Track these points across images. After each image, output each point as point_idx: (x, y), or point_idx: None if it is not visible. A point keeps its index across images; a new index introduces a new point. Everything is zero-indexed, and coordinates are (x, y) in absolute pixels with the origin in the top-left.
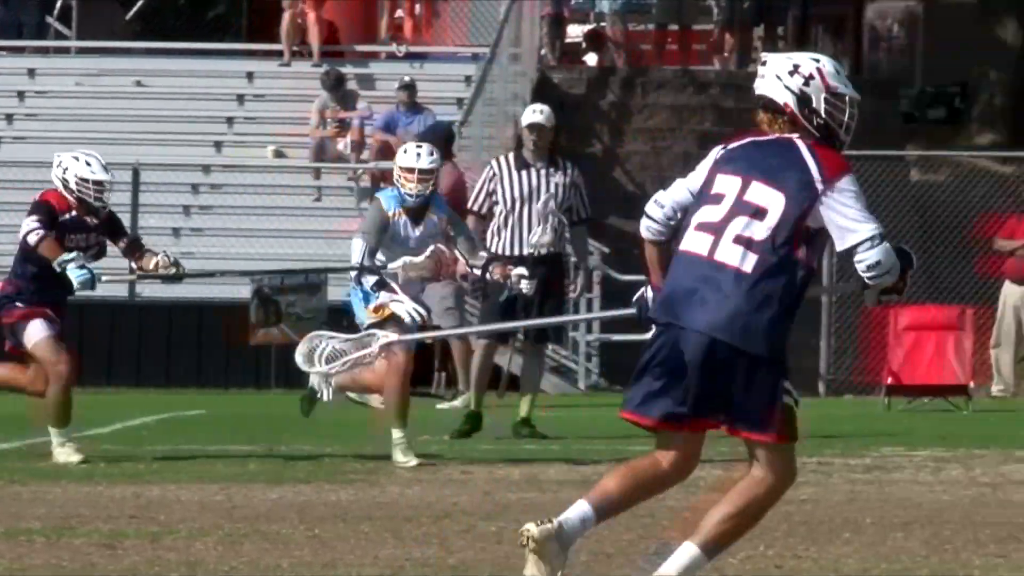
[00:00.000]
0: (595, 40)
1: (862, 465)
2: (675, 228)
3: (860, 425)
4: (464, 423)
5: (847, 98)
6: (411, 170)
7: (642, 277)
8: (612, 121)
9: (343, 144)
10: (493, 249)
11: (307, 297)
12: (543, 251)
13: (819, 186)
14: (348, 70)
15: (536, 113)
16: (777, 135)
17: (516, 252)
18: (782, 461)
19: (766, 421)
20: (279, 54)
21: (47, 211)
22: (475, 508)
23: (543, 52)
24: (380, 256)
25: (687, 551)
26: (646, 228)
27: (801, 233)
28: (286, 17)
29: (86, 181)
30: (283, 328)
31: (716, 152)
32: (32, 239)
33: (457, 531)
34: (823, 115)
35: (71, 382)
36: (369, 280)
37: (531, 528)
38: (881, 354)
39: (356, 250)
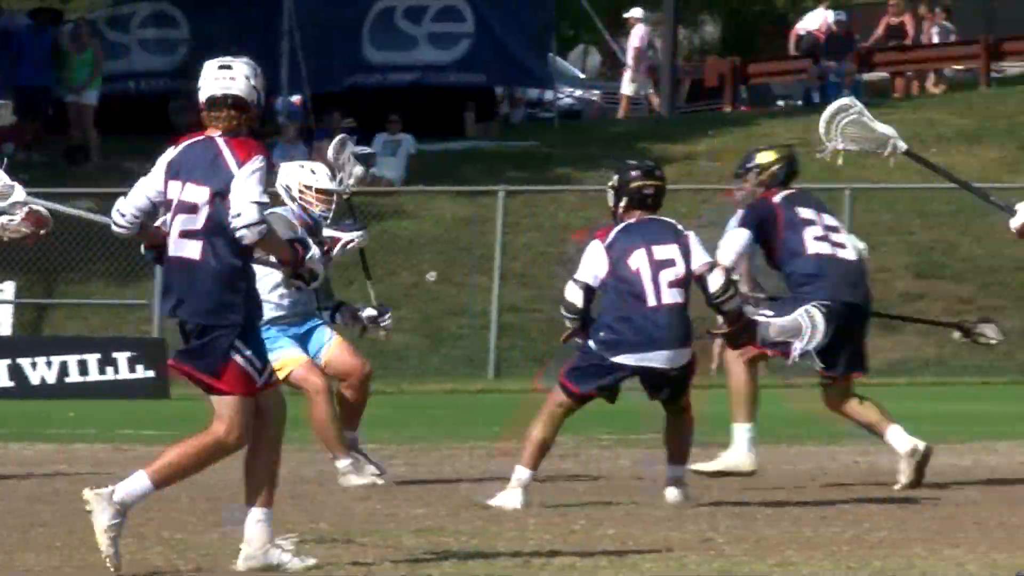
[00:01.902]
0: None
1: None
2: (141, 225)
3: None
4: None
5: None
6: (329, 192)
7: None
8: None
9: None
10: None
11: None
12: None
13: (233, 171)
14: None
15: None
16: (202, 135)
17: None
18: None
19: (219, 372)
20: None
21: None
22: None
23: None
24: None
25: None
26: (116, 228)
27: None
28: None
29: None
30: None
31: (163, 160)
32: None
33: None
34: (260, 106)
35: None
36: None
37: (87, 493)
38: None
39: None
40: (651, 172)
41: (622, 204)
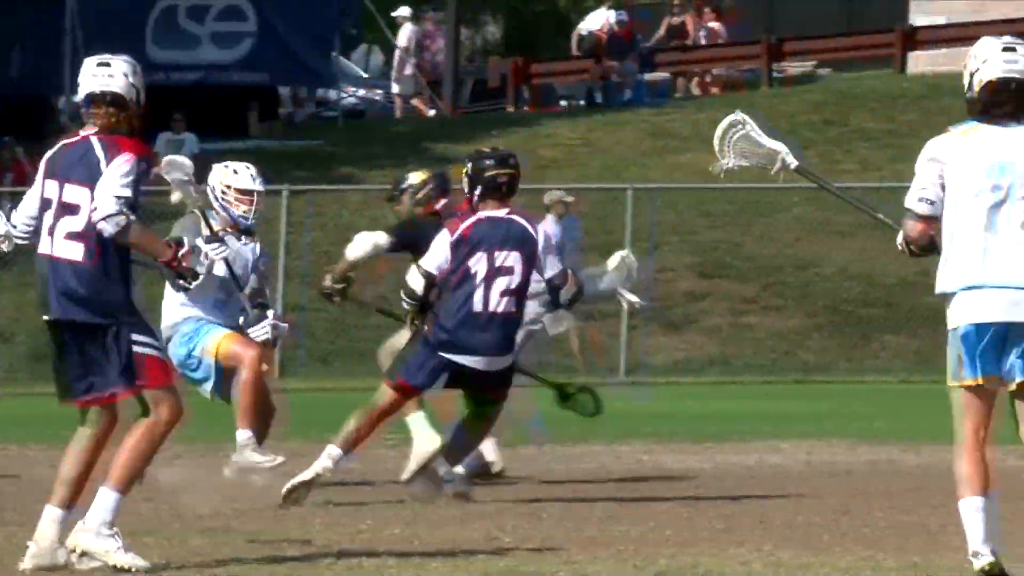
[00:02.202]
0: None
1: None
2: (36, 232)
3: None
4: None
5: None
6: (248, 192)
7: None
8: None
9: None
10: None
11: None
12: None
13: (103, 169)
14: None
15: None
16: (81, 136)
17: None
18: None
19: (132, 374)
20: None
21: None
22: None
23: None
24: None
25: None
26: (16, 240)
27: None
28: None
29: None
30: None
31: (43, 161)
32: None
33: None
34: (139, 104)
35: None
36: None
37: (68, 543)
38: None
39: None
40: (505, 160)
41: (477, 193)
